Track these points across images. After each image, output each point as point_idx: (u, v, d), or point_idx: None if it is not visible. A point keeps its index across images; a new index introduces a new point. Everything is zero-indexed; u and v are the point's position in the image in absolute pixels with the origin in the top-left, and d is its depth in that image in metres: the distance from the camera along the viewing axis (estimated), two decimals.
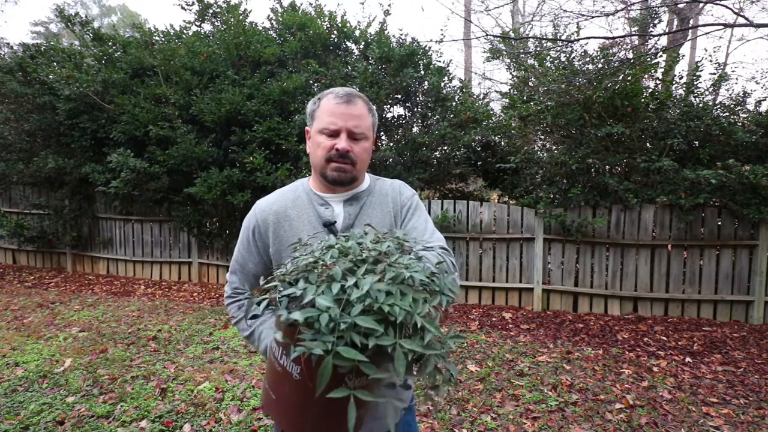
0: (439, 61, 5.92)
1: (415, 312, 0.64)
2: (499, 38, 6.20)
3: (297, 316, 0.64)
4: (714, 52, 5.03)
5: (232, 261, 1.22)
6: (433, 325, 0.65)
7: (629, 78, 4.54)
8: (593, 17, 4.99)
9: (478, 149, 6.35)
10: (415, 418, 1.26)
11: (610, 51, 4.90)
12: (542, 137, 5.82)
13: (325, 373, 0.61)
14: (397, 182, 1.25)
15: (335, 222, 1.13)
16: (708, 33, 7.53)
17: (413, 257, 0.77)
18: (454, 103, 5.76)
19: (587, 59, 4.87)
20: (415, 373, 0.66)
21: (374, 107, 1.18)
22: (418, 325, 0.64)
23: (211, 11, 6.23)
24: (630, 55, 4.98)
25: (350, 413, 0.63)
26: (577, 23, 9.13)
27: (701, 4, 6.01)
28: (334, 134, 1.09)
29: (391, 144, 5.82)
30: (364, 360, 0.61)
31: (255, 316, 1.09)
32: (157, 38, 6.20)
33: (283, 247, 1.14)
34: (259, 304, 0.75)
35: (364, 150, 1.12)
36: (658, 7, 5.68)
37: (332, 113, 1.09)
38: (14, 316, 4.41)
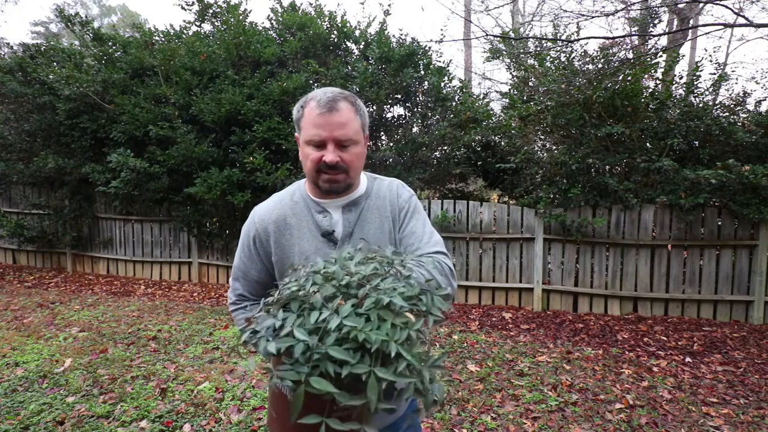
0: (439, 61, 5.92)
1: (392, 339, 0.64)
2: (499, 38, 6.21)
3: (272, 348, 0.66)
4: (714, 52, 5.03)
5: (234, 268, 1.21)
6: (409, 353, 0.64)
7: (629, 78, 4.54)
8: (593, 17, 4.99)
9: (478, 149, 6.35)
10: (418, 418, 1.26)
11: (610, 51, 4.90)
12: (542, 137, 5.81)
13: (298, 402, 0.63)
14: (395, 183, 1.22)
15: (334, 231, 1.12)
16: (708, 33, 7.52)
17: (399, 277, 0.77)
18: (454, 103, 5.76)
19: (587, 59, 4.88)
20: (393, 399, 0.67)
21: (362, 105, 1.12)
22: (392, 354, 0.63)
23: (211, 11, 6.23)
24: (630, 55, 4.98)
25: None
26: (577, 23, 9.14)
27: (701, 4, 6.00)
28: (321, 145, 1.05)
29: (391, 144, 5.82)
30: (334, 391, 0.62)
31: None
32: (157, 38, 6.20)
33: (286, 256, 1.12)
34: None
35: (355, 156, 1.08)
36: (658, 7, 5.68)
37: (315, 125, 1.04)
38: (14, 316, 4.41)
